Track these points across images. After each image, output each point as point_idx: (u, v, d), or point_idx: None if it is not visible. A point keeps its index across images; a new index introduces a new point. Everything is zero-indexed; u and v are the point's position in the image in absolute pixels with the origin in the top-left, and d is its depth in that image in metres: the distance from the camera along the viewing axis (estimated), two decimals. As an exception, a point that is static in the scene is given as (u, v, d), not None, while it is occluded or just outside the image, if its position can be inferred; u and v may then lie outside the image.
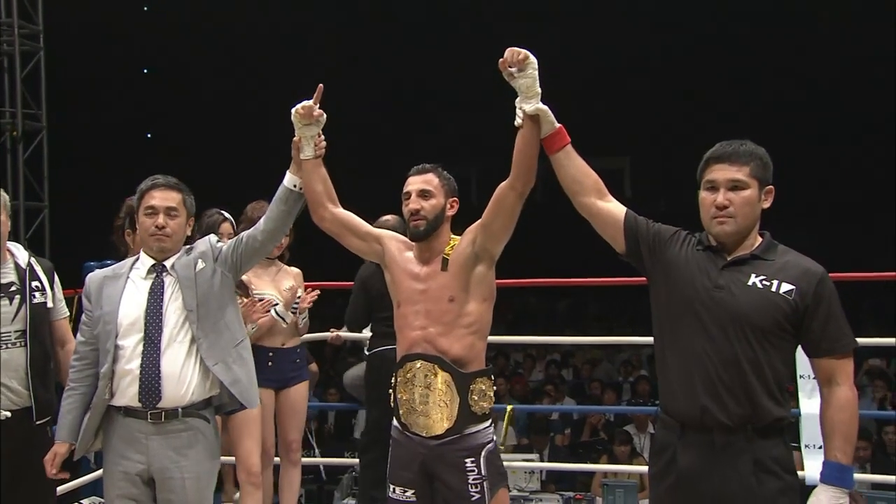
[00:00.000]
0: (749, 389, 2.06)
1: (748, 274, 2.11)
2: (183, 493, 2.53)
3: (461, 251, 2.54)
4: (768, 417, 2.07)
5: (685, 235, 2.24)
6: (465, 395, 2.45)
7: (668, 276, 2.19)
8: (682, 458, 2.11)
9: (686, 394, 2.11)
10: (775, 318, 2.06)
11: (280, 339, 3.61)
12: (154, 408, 2.51)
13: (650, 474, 2.24)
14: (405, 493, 2.52)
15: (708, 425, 2.08)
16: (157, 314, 2.55)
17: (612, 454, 5.89)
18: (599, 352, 10.98)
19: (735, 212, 2.11)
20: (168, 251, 2.62)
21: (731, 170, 2.11)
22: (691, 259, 2.17)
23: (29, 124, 8.78)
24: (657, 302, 2.24)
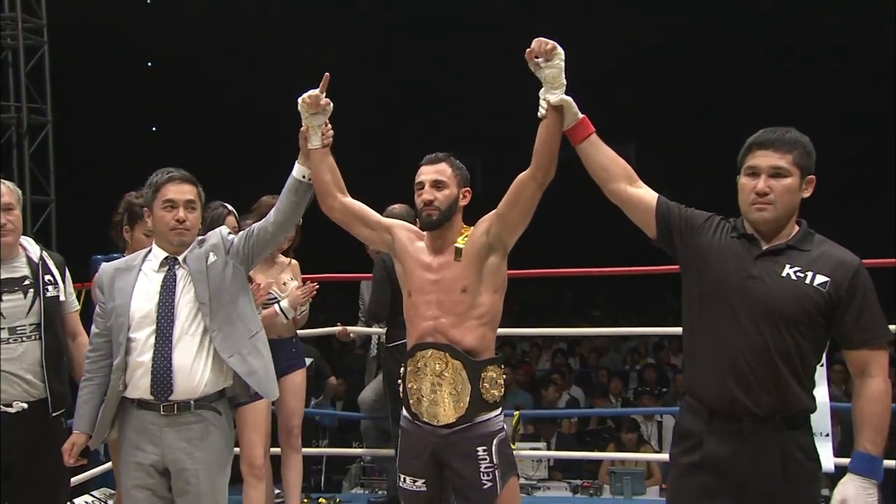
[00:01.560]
0: (780, 380, 2.06)
1: (783, 265, 2.10)
2: (196, 484, 2.55)
3: (475, 241, 2.53)
4: (797, 407, 2.08)
5: (719, 221, 2.23)
6: (477, 383, 2.46)
7: (700, 263, 2.18)
8: (709, 443, 2.12)
9: (716, 382, 2.11)
10: (808, 311, 2.05)
11: (277, 331, 3.62)
12: (166, 400, 2.53)
13: (672, 456, 2.25)
14: (416, 483, 2.54)
15: (737, 414, 2.08)
16: (169, 307, 2.56)
17: (620, 442, 5.91)
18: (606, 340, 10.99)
19: (775, 199, 2.10)
20: (187, 245, 2.63)
21: (774, 157, 2.10)
22: (725, 246, 2.16)
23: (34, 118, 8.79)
24: (688, 288, 2.23)
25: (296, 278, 3.78)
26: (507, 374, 7.45)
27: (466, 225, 2.61)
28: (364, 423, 4.68)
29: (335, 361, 10.69)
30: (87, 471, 4.06)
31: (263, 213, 3.26)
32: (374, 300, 3.98)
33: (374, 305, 3.99)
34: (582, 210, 9.29)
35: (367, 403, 4.54)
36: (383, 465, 4.81)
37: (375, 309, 4.01)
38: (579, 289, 14.74)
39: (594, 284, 14.53)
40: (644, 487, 4.98)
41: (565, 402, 7.76)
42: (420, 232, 2.63)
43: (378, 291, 3.95)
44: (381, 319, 4.10)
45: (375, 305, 3.99)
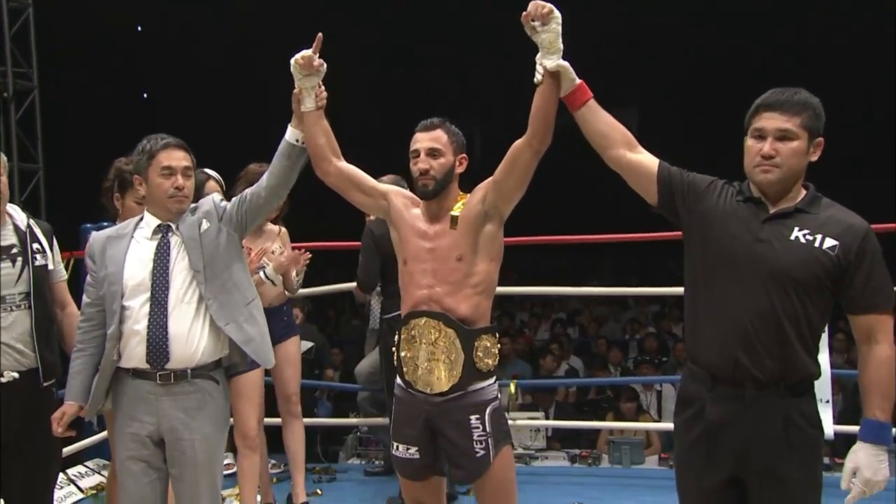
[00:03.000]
0: (786, 345, 2.06)
1: (791, 228, 2.10)
2: (192, 454, 2.58)
3: (471, 209, 2.54)
4: (802, 373, 2.09)
5: (723, 185, 2.22)
6: (470, 352, 2.49)
7: (704, 228, 2.18)
8: (711, 410, 2.14)
9: (719, 347, 2.12)
10: (816, 274, 2.06)
11: (267, 299, 3.64)
12: (162, 369, 2.55)
13: (675, 424, 2.27)
14: (409, 451, 2.57)
15: (739, 379, 2.09)
16: (163, 275, 2.57)
17: (619, 411, 5.97)
18: (605, 310, 11.04)
19: (781, 162, 2.09)
20: (184, 212, 2.64)
21: (781, 119, 2.08)
22: (730, 210, 2.15)
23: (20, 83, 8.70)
24: (691, 254, 2.23)
25: (285, 247, 3.79)
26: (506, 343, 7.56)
27: (463, 192, 2.62)
28: (360, 394, 4.73)
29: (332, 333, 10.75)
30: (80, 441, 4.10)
31: (250, 180, 3.27)
32: (361, 269, 3.99)
33: (363, 274, 4.00)
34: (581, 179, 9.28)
35: (363, 375, 4.58)
36: (380, 436, 4.87)
37: (364, 278, 4.01)
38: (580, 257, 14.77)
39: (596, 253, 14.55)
40: (643, 457, 5.04)
41: (564, 371, 7.82)
42: (416, 199, 2.64)
43: (365, 260, 3.96)
44: (370, 289, 4.11)
45: (364, 274, 3.99)
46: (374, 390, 4.58)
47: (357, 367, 4.64)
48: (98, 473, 4.48)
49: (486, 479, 2.50)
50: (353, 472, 4.89)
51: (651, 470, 4.87)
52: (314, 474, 4.68)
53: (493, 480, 2.51)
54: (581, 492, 4.31)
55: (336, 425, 5.94)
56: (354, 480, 4.71)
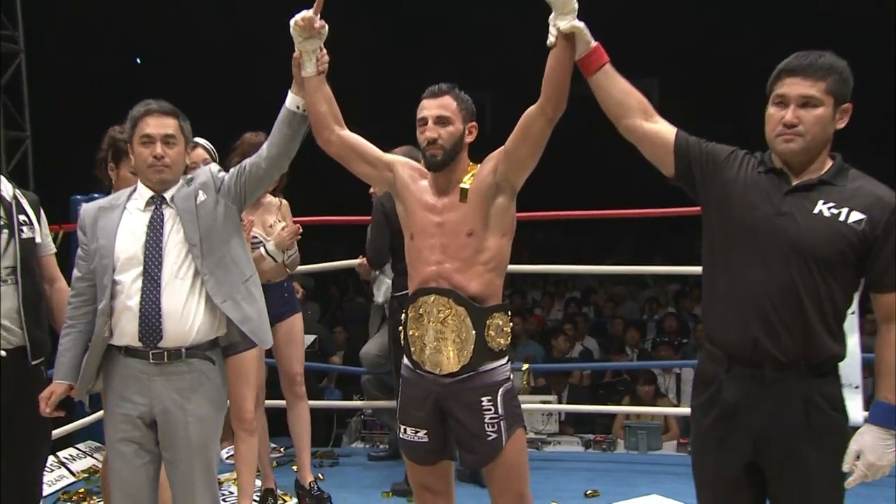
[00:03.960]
0: (807, 323, 2.05)
1: (815, 201, 2.07)
2: (186, 436, 2.58)
3: (481, 181, 2.52)
4: (824, 354, 2.07)
5: (743, 155, 2.20)
6: (482, 331, 2.48)
7: (723, 201, 2.16)
8: (728, 391, 2.13)
9: (737, 325, 2.10)
10: (841, 250, 2.04)
11: (266, 275, 3.63)
12: (155, 347, 2.55)
13: (692, 406, 2.27)
14: (417, 434, 2.58)
15: (758, 359, 2.08)
16: (156, 248, 2.56)
17: (635, 395, 5.97)
18: (623, 288, 11.02)
19: (804, 130, 2.06)
20: (168, 182, 2.62)
21: (805, 84, 2.05)
22: (751, 182, 2.13)
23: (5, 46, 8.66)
24: (709, 227, 2.22)
25: (285, 220, 3.78)
26: (518, 324, 7.57)
27: (473, 163, 2.60)
28: (364, 377, 4.74)
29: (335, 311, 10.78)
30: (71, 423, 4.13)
31: (246, 151, 3.25)
32: (371, 245, 3.98)
33: (372, 250, 3.98)
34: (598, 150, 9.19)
35: (368, 359, 4.57)
36: (384, 419, 4.88)
37: (373, 254, 4.00)
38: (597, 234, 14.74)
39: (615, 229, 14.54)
40: (660, 442, 5.05)
41: (578, 353, 7.82)
42: (423, 170, 2.62)
43: (375, 235, 3.94)
44: (380, 265, 4.10)
45: (373, 250, 3.98)
46: (381, 373, 4.58)
47: (362, 350, 4.64)
48: (90, 456, 4.51)
49: (498, 463, 2.50)
50: (356, 456, 4.91)
51: (669, 456, 4.89)
52: (316, 458, 4.70)
53: (505, 465, 2.51)
54: (595, 478, 4.32)
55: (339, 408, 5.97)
56: (358, 465, 4.73)
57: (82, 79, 11.55)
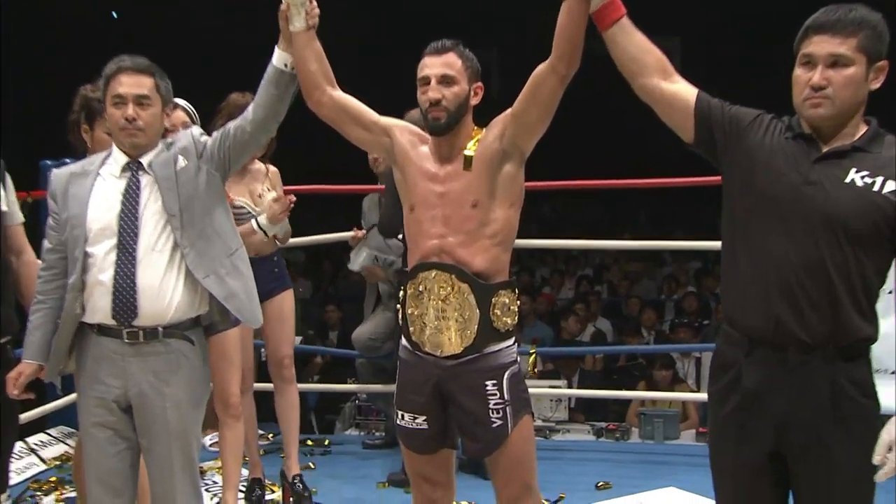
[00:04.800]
0: (835, 302, 2.03)
1: (847, 169, 2.05)
2: (164, 422, 2.58)
3: (487, 147, 2.51)
4: (854, 335, 2.05)
5: (770, 119, 2.17)
6: (487, 310, 2.47)
7: (745, 168, 2.14)
8: (748, 377, 2.12)
9: (758, 303, 2.09)
10: (874, 222, 2.01)
11: (254, 248, 3.62)
12: (130, 326, 2.54)
13: (709, 393, 2.27)
14: (415, 420, 2.58)
15: (781, 341, 2.06)
16: (132, 218, 2.55)
17: (652, 380, 5.97)
18: (639, 266, 11.01)
19: (833, 93, 2.03)
20: (142, 147, 2.60)
21: (834, 42, 2.02)
22: (777, 148, 2.11)
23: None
24: (731, 198, 2.20)
25: (275, 189, 3.76)
26: (525, 303, 7.57)
27: (478, 127, 2.58)
28: (359, 359, 4.74)
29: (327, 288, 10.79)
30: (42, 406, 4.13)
31: (231, 112, 3.23)
32: (386, 212, 3.99)
33: (388, 217, 4.00)
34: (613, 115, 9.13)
35: (361, 342, 4.56)
36: (380, 404, 4.89)
37: (387, 221, 4.02)
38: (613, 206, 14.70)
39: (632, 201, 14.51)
40: (678, 431, 5.07)
41: (590, 335, 7.84)
42: (424, 135, 2.60)
43: (387, 205, 3.97)
44: (393, 234, 4.11)
45: (388, 217, 3.99)
46: (375, 358, 4.58)
47: (355, 333, 4.63)
48: (63, 443, 4.53)
49: (503, 452, 2.51)
50: (349, 444, 4.93)
51: (687, 446, 4.90)
52: (306, 447, 4.71)
53: (510, 454, 2.51)
54: (607, 470, 4.33)
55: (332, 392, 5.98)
56: (351, 454, 4.75)
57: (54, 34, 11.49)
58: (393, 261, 4.33)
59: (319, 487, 4.02)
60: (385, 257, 4.37)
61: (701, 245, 4.86)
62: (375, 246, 4.37)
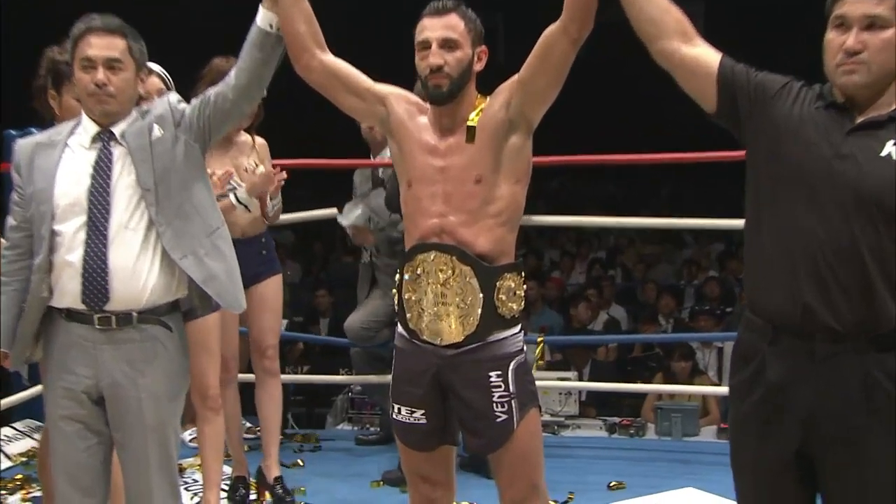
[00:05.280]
0: (868, 286, 2.01)
1: (883, 141, 2.03)
2: (139, 415, 2.58)
3: (491, 117, 2.50)
4: (889, 323, 2.03)
5: (799, 87, 2.16)
6: (490, 294, 2.46)
7: (772, 141, 2.12)
8: (772, 368, 2.11)
9: (784, 288, 2.07)
10: None
11: (240, 228, 3.61)
12: (101, 310, 2.54)
13: (730, 386, 2.26)
14: (413, 415, 2.58)
15: (809, 329, 2.05)
16: (103, 194, 2.54)
17: (669, 372, 5.98)
18: (656, 248, 11.01)
19: (869, 58, 2.01)
20: (113, 115, 2.59)
21: (869, 2, 2.00)
22: (807, 119, 2.09)
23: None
24: (755, 174, 2.18)
25: (263, 162, 3.74)
26: (532, 288, 7.59)
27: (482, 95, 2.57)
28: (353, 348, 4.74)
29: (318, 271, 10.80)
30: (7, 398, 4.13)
31: (214, 79, 3.20)
32: (392, 184, 3.98)
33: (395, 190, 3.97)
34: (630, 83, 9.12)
35: (353, 331, 4.56)
36: (376, 397, 4.88)
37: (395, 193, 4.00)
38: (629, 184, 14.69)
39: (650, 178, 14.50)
40: (697, 427, 5.07)
41: (603, 323, 7.86)
42: (423, 104, 2.60)
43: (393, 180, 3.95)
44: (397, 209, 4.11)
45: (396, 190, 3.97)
46: (368, 347, 4.58)
47: (347, 322, 4.62)
48: (29, 437, 4.54)
49: (508, 449, 2.51)
50: (341, 440, 4.94)
51: (707, 443, 4.91)
52: (295, 442, 4.72)
53: (515, 451, 2.51)
54: (621, 469, 4.34)
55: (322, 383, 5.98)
56: (343, 450, 4.76)
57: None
58: (385, 227, 4.31)
59: (308, 487, 4.03)
60: (378, 220, 4.35)
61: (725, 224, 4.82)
62: (375, 207, 4.35)
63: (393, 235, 4.26)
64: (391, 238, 4.30)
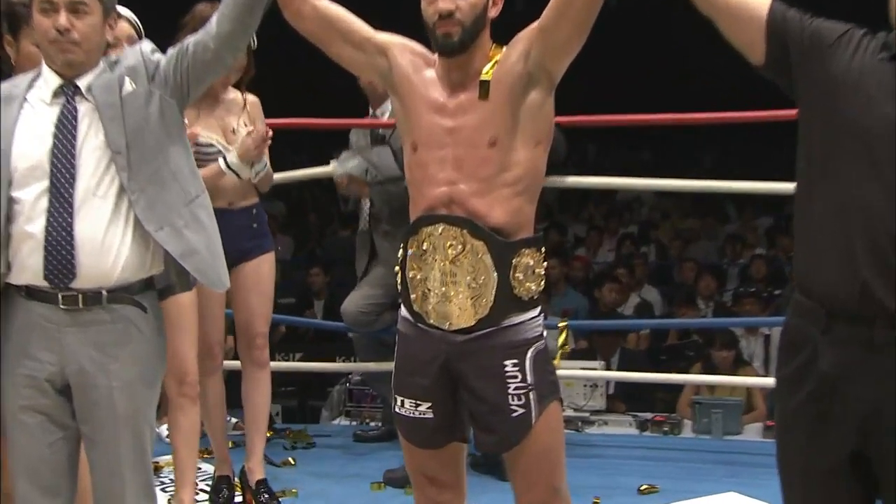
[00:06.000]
0: None
1: None
2: (110, 406, 2.59)
3: (508, 70, 2.49)
4: None
5: (861, 36, 2.14)
6: (506, 273, 2.46)
7: (828, 96, 2.11)
8: (825, 358, 2.10)
9: (839, 265, 2.07)
10: None
11: (226, 197, 3.61)
12: (67, 288, 2.54)
13: (777, 378, 2.27)
14: (418, 408, 2.59)
15: (868, 312, 2.04)
16: (67, 156, 2.54)
17: (709, 362, 5.98)
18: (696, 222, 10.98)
19: None
20: (78, 65, 2.58)
21: None
22: (869, 72, 2.08)
23: None
24: (807, 133, 2.18)
25: (254, 124, 3.74)
26: (554, 267, 7.59)
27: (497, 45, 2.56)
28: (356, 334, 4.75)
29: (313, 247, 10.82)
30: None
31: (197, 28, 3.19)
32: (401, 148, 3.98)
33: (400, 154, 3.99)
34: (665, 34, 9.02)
35: (351, 316, 4.54)
36: (378, 387, 4.88)
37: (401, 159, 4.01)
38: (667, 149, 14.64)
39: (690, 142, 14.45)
40: (741, 425, 5.09)
41: (634, 306, 7.88)
42: (430, 55, 2.60)
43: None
44: None
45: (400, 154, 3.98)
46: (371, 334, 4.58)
47: (344, 305, 4.59)
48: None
49: (525, 447, 2.51)
50: (338, 436, 4.98)
51: (751, 443, 4.93)
52: (285, 439, 4.74)
53: (534, 449, 2.52)
54: (653, 470, 4.36)
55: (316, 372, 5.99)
56: (340, 447, 4.80)
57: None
58: (384, 181, 4.31)
59: (301, 489, 4.06)
60: (377, 174, 4.34)
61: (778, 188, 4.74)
62: (377, 163, 4.34)
63: (392, 190, 4.23)
64: (391, 193, 4.27)
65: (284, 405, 6.19)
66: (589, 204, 12.39)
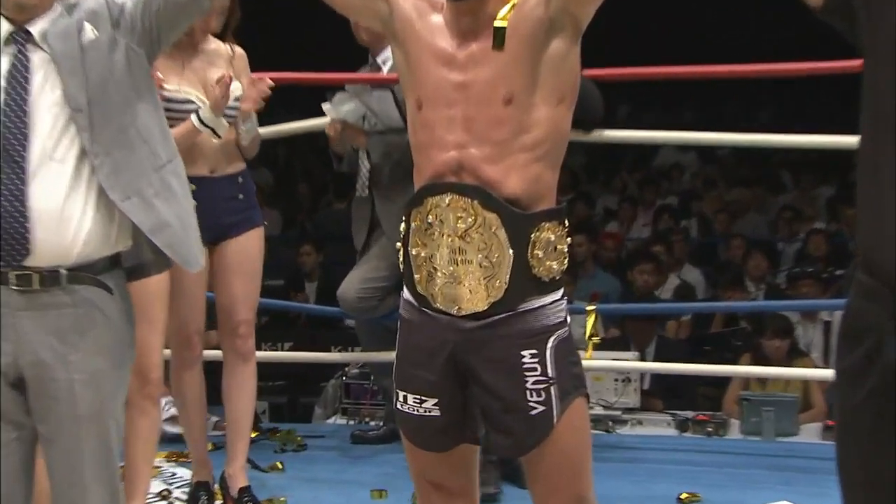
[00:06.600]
0: None
1: None
2: (71, 402, 2.59)
3: (526, 16, 2.46)
4: None
5: None
6: (523, 250, 2.45)
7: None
8: (891, 348, 2.08)
9: None
10: None
11: (207, 163, 3.61)
12: (20, 266, 2.54)
13: (836, 371, 2.25)
14: (423, 405, 2.59)
15: None
16: (18, 114, 2.54)
17: (760, 352, 5.99)
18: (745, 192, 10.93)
19: None
20: (30, 8, 2.58)
21: None
22: None
23: None
24: (873, 84, 2.15)
25: (240, 79, 3.76)
26: (581, 244, 7.60)
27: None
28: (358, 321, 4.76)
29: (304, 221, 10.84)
30: None
31: None
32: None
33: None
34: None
35: (349, 302, 4.54)
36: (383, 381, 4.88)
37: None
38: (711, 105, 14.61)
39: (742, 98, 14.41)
40: (796, 425, 5.09)
41: (673, 289, 7.87)
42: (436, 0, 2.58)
43: None
44: None
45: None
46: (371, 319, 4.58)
47: (340, 289, 4.57)
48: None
49: (546, 449, 2.51)
50: (333, 437, 5.01)
51: (808, 445, 4.93)
52: (273, 441, 4.76)
53: (556, 452, 2.51)
54: (695, 476, 4.37)
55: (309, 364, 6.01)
56: (335, 450, 4.83)
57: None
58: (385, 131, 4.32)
59: (291, 497, 4.07)
60: (377, 123, 4.33)
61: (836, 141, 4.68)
62: (377, 110, 4.33)
63: (395, 141, 4.23)
64: (392, 144, 4.27)
65: (272, 402, 6.24)
66: (621, 171, 12.37)
